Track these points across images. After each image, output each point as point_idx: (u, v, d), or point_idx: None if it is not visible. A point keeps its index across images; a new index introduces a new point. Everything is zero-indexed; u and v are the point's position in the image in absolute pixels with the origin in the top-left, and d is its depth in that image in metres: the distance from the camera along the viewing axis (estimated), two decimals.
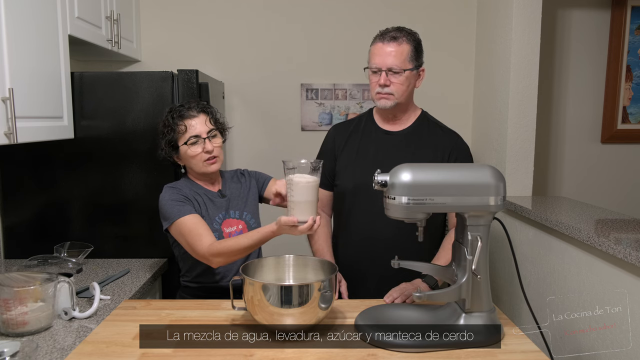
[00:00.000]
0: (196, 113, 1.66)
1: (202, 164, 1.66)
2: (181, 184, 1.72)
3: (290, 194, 1.38)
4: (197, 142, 1.64)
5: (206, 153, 1.64)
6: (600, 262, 1.53)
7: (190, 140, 1.63)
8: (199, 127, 1.64)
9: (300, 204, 1.37)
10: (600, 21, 2.75)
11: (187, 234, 1.57)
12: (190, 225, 1.57)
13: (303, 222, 1.37)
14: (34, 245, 2.09)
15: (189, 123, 1.64)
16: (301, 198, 1.36)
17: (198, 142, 1.64)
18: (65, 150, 2.07)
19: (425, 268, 1.44)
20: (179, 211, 1.60)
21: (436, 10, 2.72)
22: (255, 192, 1.82)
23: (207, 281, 1.71)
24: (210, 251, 1.52)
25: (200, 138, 1.64)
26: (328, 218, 1.89)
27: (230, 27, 2.70)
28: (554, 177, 2.85)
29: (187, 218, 1.59)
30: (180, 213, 1.60)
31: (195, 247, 1.56)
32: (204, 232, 1.57)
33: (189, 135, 1.63)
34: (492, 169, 1.28)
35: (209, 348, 1.24)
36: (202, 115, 1.67)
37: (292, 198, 1.37)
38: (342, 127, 1.87)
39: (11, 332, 1.35)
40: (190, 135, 1.63)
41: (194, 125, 1.64)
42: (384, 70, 1.63)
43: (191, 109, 1.67)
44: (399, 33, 1.65)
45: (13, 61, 1.54)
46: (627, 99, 2.80)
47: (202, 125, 1.65)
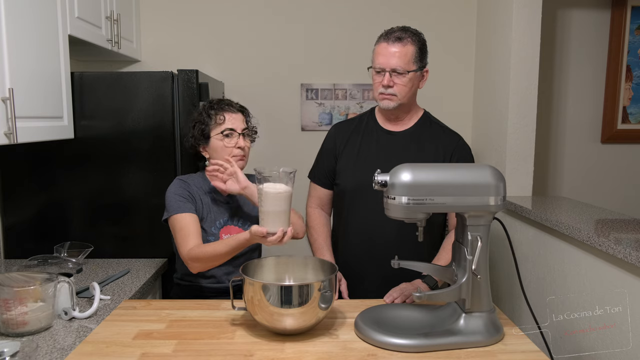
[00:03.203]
0: (235, 110, 1.71)
1: (231, 159, 1.67)
2: (194, 178, 1.74)
3: (260, 204, 1.36)
4: (232, 136, 1.68)
5: (238, 149, 1.68)
6: (600, 262, 1.53)
7: (226, 132, 1.67)
8: (237, 123, 1.69)
9: (270, 214, 1.35)
10: (600, 21, 2.75)
11: (178, 231, 1.60)
12: (182, 224, 1.60)
13: (273, 233, 1.36)
14: (34, 245, 2.09)
15: (228, 116, 1.69)
16: (271, 208, 1.35)
17: (232, 135, 1.68)
18: (65, 150, 2.07)
19: (425, 268, 1.44)
20: (178, 207, 1.63)
21: (436, 11, 2.72)
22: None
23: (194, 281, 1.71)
24: (190, 255, 1.55)
25: (236, 132, 1.68)
26: (327, 216, 1.89)
27: (230, 27, 2.70)
28: (554, 177, 2.85)
29: (183, 216, 1.61)
30: (178, 209, 1.62)
31: (180, 247, 1.59)
32: (192, 234, 1.59)
33: (225, 127, 1.67)
34: (492, 169, 1.28)
35: (209, 348, 1.24)
36: (240, 114, 1.72)
37: (262, 208, 1.36)
38: (343, 126, 1.87)
39: (11, 332, 1.35)
40: (227, 127, 1.67)
41: (233, 119, 1.69)
42: (388, 70, 1.63)
43: (231, 105, 1.72)
44: (404, 34, 1.64)
45: (13, 61, 1.54)
46: (627, 99, 2.80)
47: (239, 122, 1.70)
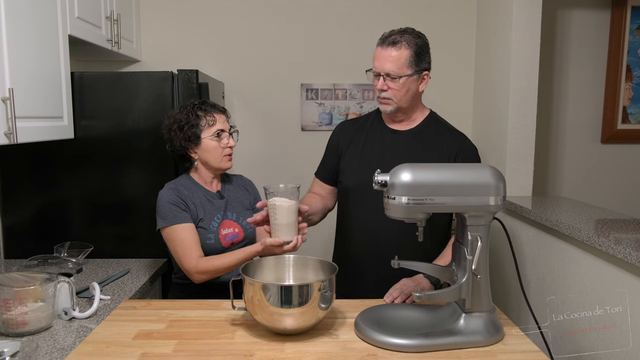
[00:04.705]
0: (220, 112, 1.76)
1: (222, 159, 1.73)
2: (182, 182, 1.74)
3: (273, 217, 1.46)
4: (223, 136, 1.72)
5: (229, 148, 1.73)
6: (600, 262, 1.53)
7: (218, 133, 1.71)
8: (225, 124, 1.75)
9: (284, 226, 1.46)
10: (600, 21, 2.75)
11: (179, 244, 1.63)
12: (183, 236, 1.63)
13: (288, 242, 1.47)
14: (34, 245, 2.09)
15: (218, 117, 1.73)
16: (284, 220, 1.46)
17: (223, 135, 1.72)
18: (65, 150, 2.07)
19: (425, 268, 1.43)
20: (175, 217, 1.65)
21: (436, 11, 2.72)
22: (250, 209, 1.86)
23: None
24: (197, 269, 1.60)
25: (226, 132, 1.73)
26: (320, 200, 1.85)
27: (230, 27, 2.70)
28: (554, 177, 2.85)
29: (181, 227, 1.64)
30: (175, 219, 1.64)
31: (183, 260, 1.62)
32: (194, 246, 1.63)
33: (216, 128, 1.71)
34: (492, 169, 1.28)
35: (209, 348, 1.24)
36: (223, 115, 1.77)
37: (276, 221, 1.46)
38: (348, 124, 1.87)
39: (11, 332, 1.35)
40: (218, 128, 1.71)
41: (222, 120, 1.74)
42: (382, 75, 1.62)
43: (216, 107, 1.76)
44: (401, 37, 1.61)
45: (13, 61, 1.54)
46: (627, 99, 2.80)
47: (226, 123, 1.75)
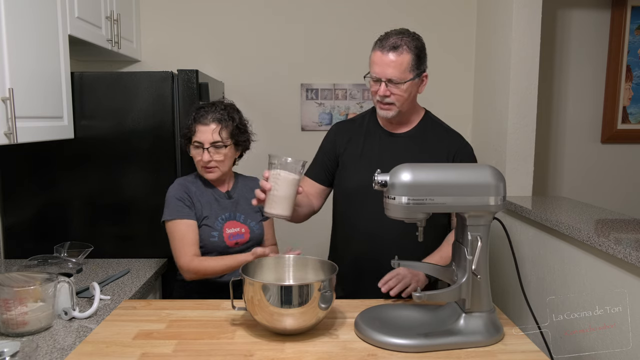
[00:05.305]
0: (209, 122, 1.69)
1: (201, 168, 1.74)
2: (192, 179, 1.79)
3: (274, 187, 1.40)
4: (198, 148, 1.71)
5: (202, 161, 1.70)
6: (600, 262, 1.53)
7: (195, 144, 1.71)
8: (205, 136, 1.69)
9: (281, 198, 1.41)
10: (600, 21, 2.75)
11: (178, 239, 1.66)
12: (182, 232, 1.66)
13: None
14: (34, 245, 2.09)
15: (198, 128, 1.70)
16: (283, 193, 1.40)
17: (199, 148, 1.71)
18: (65, 150, 2.07)
19: (425, 268, 1.44)
20: (178, 212, 1.68)
21: (436, 11, 2.72)
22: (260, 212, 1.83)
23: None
24: (190, 267, 1.63)
25: (202, 147, 1.69)
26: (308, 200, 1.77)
27: (230, 27, 2.70)
28: (554, 177, 2.85)
29: (182, 223, 1.67)
30: (178, 214, 1.67)
31: (178, 255, 1.65)
32: (191, 243, 1.65)
33: (195, 139, 1.71)
34: (492, 169, 1.28)
35: (209, 348, 1.24)
36: (214, 125, 1.69)
37: (275, 192, 1.40)
38: (344, 126, 1.85)
39: (11, 332, 1.35)
40: (195, 140, 1.71)
41: (202, 132, 1.69)
42: (384, 81, 1.57)
43: (207, 116, 1.70)
44: (400, 40, 1.57)
45: (13, 61, 1.54)
46: (627, 99, 2.80)
47: (209, 135, 1.68)
